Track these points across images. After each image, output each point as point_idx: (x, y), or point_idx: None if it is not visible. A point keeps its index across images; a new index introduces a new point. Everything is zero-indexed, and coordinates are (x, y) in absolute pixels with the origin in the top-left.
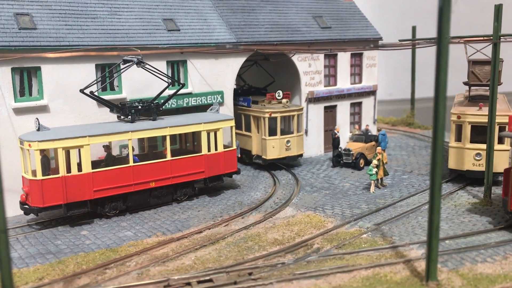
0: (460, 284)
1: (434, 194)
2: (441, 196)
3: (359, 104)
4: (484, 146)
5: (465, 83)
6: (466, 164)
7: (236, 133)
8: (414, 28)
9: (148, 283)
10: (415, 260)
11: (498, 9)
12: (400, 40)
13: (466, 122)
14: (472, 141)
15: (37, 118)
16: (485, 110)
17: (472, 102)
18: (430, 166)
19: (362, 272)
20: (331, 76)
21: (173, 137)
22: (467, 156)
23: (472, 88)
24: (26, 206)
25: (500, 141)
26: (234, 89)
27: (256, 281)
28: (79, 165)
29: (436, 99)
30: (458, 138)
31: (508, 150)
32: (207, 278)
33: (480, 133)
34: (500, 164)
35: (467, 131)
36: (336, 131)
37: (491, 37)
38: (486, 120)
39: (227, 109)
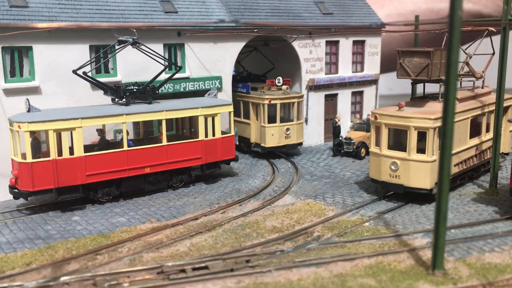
0: (468, 274)
1: (443, 180)
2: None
3: (361, 93)
4: (401, 154)
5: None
6: (383, 174)
7: (234, 120)
8: (417, 18)
9: (141, 269)
10: (420, 249)
11: None
12: (405, 25)
13: (383, 124)
14: (390, 148)
15: (27, 99)
16: (407, 111)
17: (417, 102)
18: (440, 152)
19: (365, 260)
20: (332, 64)
21: (169, 121)
22: (383, 165)
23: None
24: (16, 190)
25: (420, 150)
26: (233, 75)
27: (254, 269)
28: (71, 149)
29: (447, 91)
30: (377, 143)
31: (429, 162)
32: (203, 265)
33: (399, 139)
34: (417, 178)
35: (383, 135)
36: (337, 120)
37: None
38: (405, 123)
39: (226, 95)
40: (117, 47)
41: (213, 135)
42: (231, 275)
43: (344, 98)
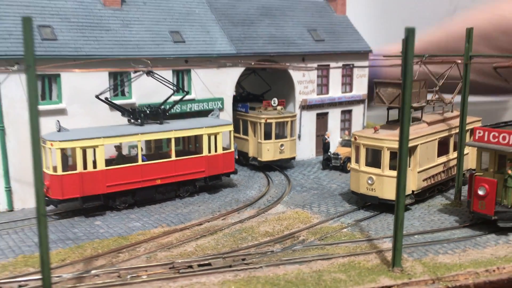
0: (421, 271)
1: (400, 194)
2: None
3: (350, 111)
4: (376, 170)
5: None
6: (361, 188)
7: (234, 136)
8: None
9: (156, 265)
10: (386, 251)
11: (469, 32)
12: (384, 56)
13: (361, 144)
14: (367, 165)
15: (58, 120)
16: (381, 134)
17: (391, 125)
18: (396, 171)
19: (340, 259)
20: (323, 85)
21: (177, 139)
22: (361, 179)
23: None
24: (47, 198)
25: (392, 167)
26: (234, 95)
27: (248, 265)
28: (94, 163)
29: (403, 110)
30: (356, 160)
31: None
32: (206, 262)
33: (375, 157)
34: (389, 191)
35: (362, 154)
36: (326, 137)
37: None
38: (379, 144)
39: (227, 114)
40: (133, 75)
41: (215, 151)
42: (230, 270)
43: (334, 116)
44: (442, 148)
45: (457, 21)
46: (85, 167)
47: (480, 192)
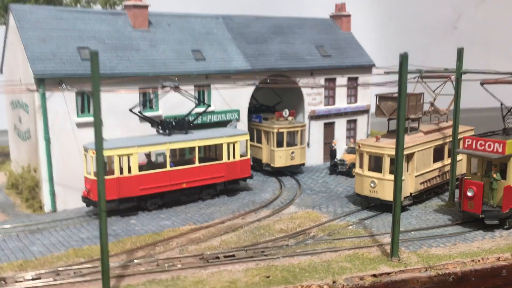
0: (415, 261)
1: (396, 195)
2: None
3: (354, 121)
4: (378, 175)
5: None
6: (365, 190)
7: (249, 144)
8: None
9: (188, 256)
10: (385, 245)
11: (460, 52)
12: (385, 72)
13: (364, 152)
14: (370, 170)
15: None
16: (382, 142)
17: (391, 134)
18: (394, 173)
19: (346, 252)
20: (330, 97)
21: (200, 147)
22: (365, 183)
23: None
24: (88, 200)
25: (392, 172)
26: (248, 107)
27: (267, 256)
28: (129, 169)
29: (399, 120)
30: (360, 165)
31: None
32: (231, 253)
33: (376, 163)
34: (390, 193)
35: (365, 160)
36: (333, 144)
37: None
38: (380, 151)
39: (243, 124)
40: (161, 90)
41: (234, 158)
42: (251, 260)
43: (340, 126)
44: (438, 155)
45: None
46: (121, 172)
47: (469, 194)
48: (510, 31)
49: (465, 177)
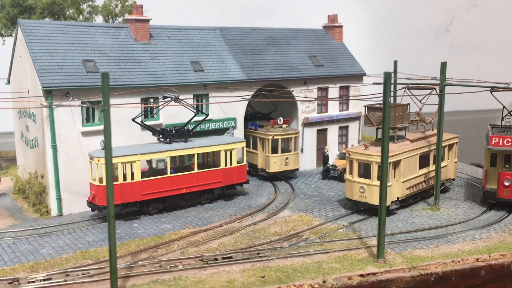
0: (400, 261)
1: (382, 200)
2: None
3: (346, 127)
4: (367, 181)
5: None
6: (355, 195)
7: (245, 150)
8: (395, 63)
9: (188, 257)
10: (373, 247)
11: (443, 66)
12: (374, 83)
13: (354, 159)
14: (359, 176)
15: (102, 140)
16: (370, 150)
17: (379, 143)
18: (380, 180)
19: (336, 253)
20: (323, 105)
21: (199, 154)
22: (355, 188)
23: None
24: (93, 205)
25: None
26: (244, 114)
27: (262, 258)
28: (132, 175)
29: (383, 128)
30: (350, 172)
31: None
32: (229, 255)
33: (365, 170)
34: (377, 198)
35: (355, 167)
36: (326, 150)
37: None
38: (369, 159)
39: (239, 131)
40: (161, 101)
41: (231, 164)
42: (248, 261)
43: (333, 132)
44: (423, 162)
45: None
46: (124, 178)
47: (506, 183)
48: (502, 35)
49: (501, 170)
